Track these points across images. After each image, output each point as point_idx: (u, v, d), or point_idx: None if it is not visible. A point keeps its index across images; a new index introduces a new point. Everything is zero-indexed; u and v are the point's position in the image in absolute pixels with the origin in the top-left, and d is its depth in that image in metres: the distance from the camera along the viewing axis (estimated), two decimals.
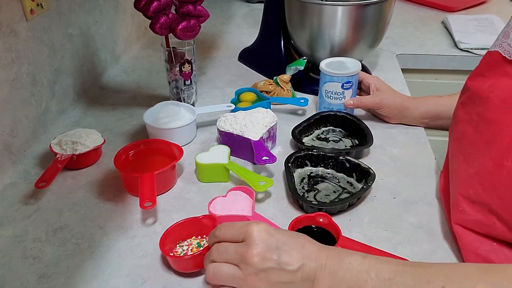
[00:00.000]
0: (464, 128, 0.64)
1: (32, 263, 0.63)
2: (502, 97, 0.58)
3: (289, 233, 0.54)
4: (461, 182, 0.62)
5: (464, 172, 0.62)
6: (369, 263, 0.49)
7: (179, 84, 0.94)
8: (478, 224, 0.60)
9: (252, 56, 1.18)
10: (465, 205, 0.61)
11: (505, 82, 0.58)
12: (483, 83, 0.61)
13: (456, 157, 0.65)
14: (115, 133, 0.91)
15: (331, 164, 0.78)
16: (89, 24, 1.04)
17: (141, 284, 0.60)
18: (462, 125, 0.64)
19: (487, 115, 0.59)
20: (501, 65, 0.59)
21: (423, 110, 0.88)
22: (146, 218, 0.71)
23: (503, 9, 1.53)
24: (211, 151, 0.79)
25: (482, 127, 0.60)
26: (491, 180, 0.57)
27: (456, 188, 0.64)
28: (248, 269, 0.50)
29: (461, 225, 0.62)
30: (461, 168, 0.63)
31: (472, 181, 0.60)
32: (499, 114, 0.58)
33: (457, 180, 0.64)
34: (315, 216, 0.66)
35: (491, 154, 0.57)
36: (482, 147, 0.59)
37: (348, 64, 0.90)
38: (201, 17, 0.85)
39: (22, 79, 0.81)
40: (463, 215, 0.62)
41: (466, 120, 0.63)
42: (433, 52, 1.23)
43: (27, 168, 0.81)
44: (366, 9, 0.93)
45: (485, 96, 0.60)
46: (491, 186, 0.57)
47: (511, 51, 0.58)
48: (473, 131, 0.62)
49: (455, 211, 0.63)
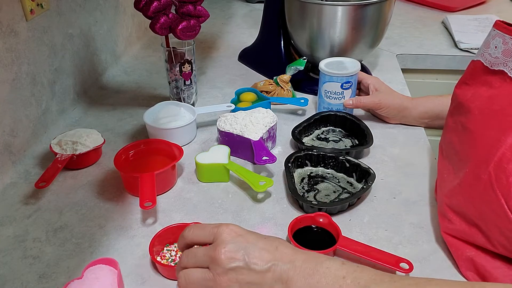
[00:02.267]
0: (451, 137, 0.64)
1: (32, 263, 0.63)
2: (480, 108, 0.58)
3: (263, 235, 0.52)
4: (448, 191, 0.63)
5: (450, 182, 0.62)
6: (347, 270, 0.48)
7: (179, 84, 0.94)
8: (462, 233, 0.60)
9: (252, 56, 1.18)
10: (451, 215, 0.62)
11: (484, 92, 0.59)
12: (467, 92, 0.62)
13: (446, 166, 0.65)
14: (115, 133, 0.91)
15: (331, 164, 0.78)
16: (89, 24, 1.04)
17: (141, 284, 0.60)
18: (450, 134, 0.65)
19: (468, 126, 0.60)
20: (482, 75, 0.60)
21: (423, 110, 0.88)
22: (146, 218, 0.71)
23: (503, 9, 1.53)
24: (211, 151, 0.79)
25: (464, 137, 0.60)
26: (470, 192, 0.57)
27: (443, 198, 0.64)
28: (217, 269, 0.49)
29: (448, 233, 0.63)
30: (449, 178, 0.63)
31: (456, 191, 0.60)
32: (477, 126, 0.58)
33: (444, 190, 0.64)
34: (315, 216, 0.66)
35: (470, 166, 0.58)
36: (464, 158, 0.60)
37: (347, 64, 0.90)
38: (201, 17, 0.85)
39: (22, 79, 0.81)
40: (450, 225, 0.62)
41: (452, 128, 0.64)
42: (433, 52, 1.23)
43: (27, 168, 0.81)
44: (366, 9, 0.93)
45: (467, 106, 0.60)
46: (470, 198, 0.58)
47: (492, 61, 0.58)
48: (458, 141, 0.62)
49: (443, 220, 0.64)
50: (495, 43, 0.58)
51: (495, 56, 0.58)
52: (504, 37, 0.56)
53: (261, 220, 0.70)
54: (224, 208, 0.72)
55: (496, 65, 0.58)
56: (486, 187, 0.54)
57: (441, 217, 0.64)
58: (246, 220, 0.70)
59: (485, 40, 0.60)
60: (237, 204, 0.73)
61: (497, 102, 0.57)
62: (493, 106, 0.57)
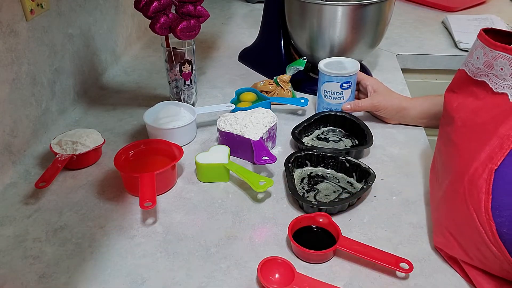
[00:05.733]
0: (439, 147, 0.64)
1: (32, 263, 0.63)
2: (463, 119, 0.58)
3: None
4: (434, 203, 0.63)
5: (436, 193, 0.62)
6: None
7: (179, 84, 0.94)
8: (445, 246, 0.61)
9: (252, 56, 1.18)
10: (435, 228, 0.62)
11: (469, 103, 0.59)
12: (453, 101, 0.62)
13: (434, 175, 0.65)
14: (115, 133, 0.91)
15: (331, 164, 0.78)
16: (89, 24, 1.04)
17: (141, 284, 0.60)
18: (439, 142, 0.65)
19: (452, 137, 0.60)
20: (467, 85, 0.60)
21: (421, 110, 0.88)
22: (146, 218, 0.71)
23: (503, 9, 1.53)
24: (211, 151, 0.79)
25: (449, 148, 0.60)
26: (450, 204, 0.58)
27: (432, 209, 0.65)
28: None
29: (437, 246, 0.63)
30: (434, 188, 0.64)
31: (440, 202, 0.61)
32: (459, 137, 0.58)
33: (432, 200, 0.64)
34: (315, 216, 0.66)
35: (451, 178, 0.58)
36: (447, 170, 0.60)
37: (346, 64, 0.90)
38: (201, 17, 0.85)
39: (22, 79, 0.81)
40: (436, 237, 0.63)
41: (441, 138, 0.64)
42: (433, 52, 1.23)
43: (27, 168, 0.81)
44: (366, 9, 0.93)
45: (452, 116, 0.60)
46: (450, 211, 0.58)
47: (475, 71, 0.58)
48: (444, 151, 0.62)
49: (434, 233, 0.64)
50: (477, 53, 0.58)
51: (477, 67, 0.58)
52: (485, 49, 0.56)
53: (261, 220, 0.70)
54: (224, 208, 0.72)
55: (479, 75, 0.58)
56: (461, 201, 0.54)
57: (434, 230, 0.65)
58: (246, 220, 0.70)
59: (470, 49, 0.60)
60: (237, 204, 0.73)
61: (480, 115, 0.56)
62: (476, 118, 0.57)
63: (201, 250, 0.65)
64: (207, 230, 0.68)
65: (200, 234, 0.68)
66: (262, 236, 0.67)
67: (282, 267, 0.60)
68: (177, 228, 0.69)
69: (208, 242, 0.66)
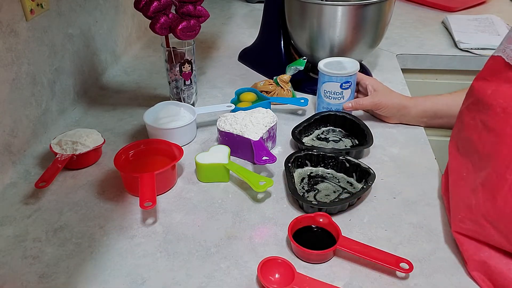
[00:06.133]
0: (470, 135, 0.63)
1: (32, 263, 0.63)
2: (504, 105, 0.57)
3: None
4: (467, 190, 0.61)
5: (472, 181, 0.61)
6: None
7: (179, 84, 0.94)
8: (476, 233, 0.60)
9: (252, 56, 1.18)
10: (464, 214, 0.61)
11: (507, 89, 0.57)
12: (487, 89, 0.60)
13: (464, 164, 0.64)
14: (115, 133, 0.91)
15: (331, 164, 0.78)
16: (89, 24, 1.04)
17: (141, 284, 0.60)
18: (468, 131, 0.63)
19: (489, 124, 0.58)
20: (504, 71, 0.58)
21: (422, 109, 0.88)
22: (146, 218, 0.71)
23: (503, 9, 1.53)
24: (211, 151, 0.79)
25: (485, 136, 0.59)
26: (493, 192, 0.56)
27: (459, 196, 0.63)
28: None
29: (460, 233, 0.62)
30: (469, 177, 0.62)
31: (477, 190, 0.59)
32: (501, 124, 0.57)
33: (463, 188, 0.63)
34: (315, 216, 0.66)
35: (494, 166, 0.56)
36: (485, 158, 0.58)
37: (346, 64, 0.90)
38: (201, 17, 0.85)
39: (22, 79, 0.81)
40: (462, 224, 0.61)
41: (472, 126, 0.62)
42: (433, 52, 1.23)
43: (27, 168, 0.81)
44: (366, 9, 0.93)
45: (489, 104, 0.59)
46: (491, 198, 0.57)
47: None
48: (478, 139, 0.61)
49: (455, 219, 0.63)
50: None
51: None
52: None
53: (261, 220, 0.70)
54: (224, 208, 0.72)
55: None
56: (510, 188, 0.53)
57: (453, 216, 0.64)
58: (246, 220, 0.70)
59: (507, 35, 0.58)
60: (237, 204, 0.73)
61: None
62: None
63: (201, 250, 0.65)
64: (207, 230, 0.68)
65: (200, 234, 0.68)
66: (262, 236, 0.67)
67: (282, 267, 0.60)
68: (177, 228, 0.69)
69: (208, 242, 0.66)
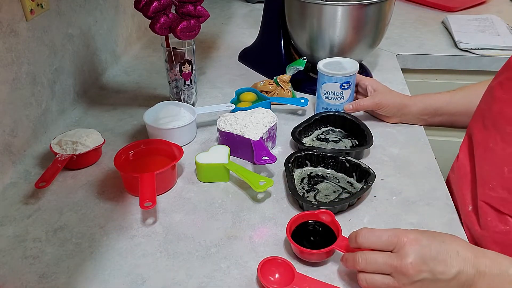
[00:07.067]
0: (501, 108, 0.64)
1: (32, 263, 0.63)
2: None
3: (441, 237, 0.53)
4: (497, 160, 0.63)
5: (502, 151, 0.63)
6: None
7: (179, 84, 0.94)
8: (505, 201, 0.61)
9: (252, 56, 1.18)
10: (496, 182, 0.62)
11: None
12: None
13: (492, 136, 0.65)
14: (115, 133, 0.91)
15: (331, 164, 0.78)
16: (89, 24, 1.04)
17: (141, 284, 0.60)
18: (500, 105, 0.65)
19: None
20: None
21: (422, 107, 0.88)
22: (146, 218, 0.71)
23: (503, 9, 1.53)
24: (211, 151, 0.79)
25: None
26: None
27: (488, 167, 0.64)
28: (403, 279, 0.52)
29: (486, 202, 0.64)
30: (497, 147, 0.64)
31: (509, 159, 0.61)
32: None
33: (492, 159, 0.64)
34: (318, 214, 0.66)
35: None
36: None
37: (345, 64, 0.90)
38: (201, 17, 0.85)
39: (22, 79, 0.81)
40: (492, 192, 0.63)
41: (505, 100, 0.64)
42: (433, 52, 1.23)
43: (27, 168, 0.81)
44: (366, 9, 0.93)
45: None
46: None
47: None
48: None
49: (484, 188, 0.64)
50: None
51: None
52: None
53: (261, 220, 0.70)
54: (224, 208, 0.72)
55: None
56: None
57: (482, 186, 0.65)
58: (246, 220, 0.70)
59: None
60: (237, 204, 0.73)
61: None
62: None
63: (201, 250, 0.65)
64: (207, 230, 0.68)
65: (200, 234, 0.68)
66: (262, 236, 0.67)
67: (282, 267, 0.60)
68: (177, 228, 0.69)
69: (208, 242, 0.66)
